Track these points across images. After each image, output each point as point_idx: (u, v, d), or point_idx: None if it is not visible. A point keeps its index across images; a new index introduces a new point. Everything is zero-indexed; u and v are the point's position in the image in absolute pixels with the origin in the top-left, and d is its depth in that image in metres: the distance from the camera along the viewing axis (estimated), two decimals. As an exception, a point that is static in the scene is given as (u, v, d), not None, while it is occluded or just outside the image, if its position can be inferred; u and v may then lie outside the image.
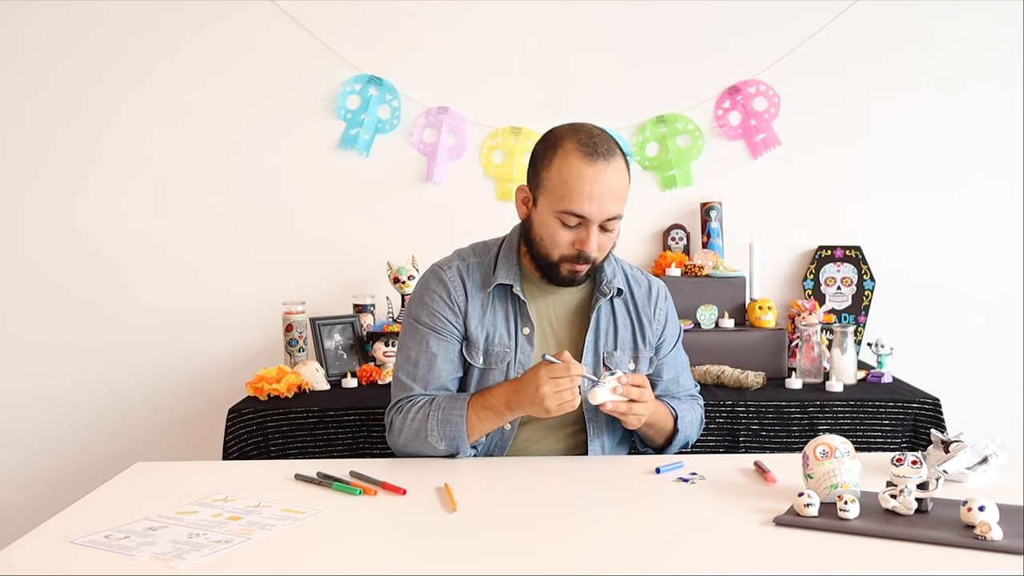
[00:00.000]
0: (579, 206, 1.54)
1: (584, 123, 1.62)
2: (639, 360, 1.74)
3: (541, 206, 1.60)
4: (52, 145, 2.81)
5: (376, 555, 1.19)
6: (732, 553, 1.15)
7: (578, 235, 1.58)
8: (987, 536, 1.12)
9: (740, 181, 2.83)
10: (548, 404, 1.50)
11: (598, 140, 1.57)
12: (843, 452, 1.29)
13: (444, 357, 1.67)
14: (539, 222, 1.61)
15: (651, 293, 1.78)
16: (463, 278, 1.68)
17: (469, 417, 1.59)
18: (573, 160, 1.54)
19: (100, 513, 1.33)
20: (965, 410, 2.56)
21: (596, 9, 2.79)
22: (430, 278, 1.71)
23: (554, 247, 1.60)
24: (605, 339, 1.71)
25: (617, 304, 1.73)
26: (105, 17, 2.78)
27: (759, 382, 2.33)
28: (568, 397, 1.50)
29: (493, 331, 1.67)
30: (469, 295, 1.67)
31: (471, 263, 1.71)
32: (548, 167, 1.57)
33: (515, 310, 1.68)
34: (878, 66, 2.79)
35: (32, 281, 2.84)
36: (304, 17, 2.78)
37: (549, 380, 1.50)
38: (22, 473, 2.85)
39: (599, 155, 1.54)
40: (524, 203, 1.65)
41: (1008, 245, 2.82)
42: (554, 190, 1.56)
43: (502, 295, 1.69)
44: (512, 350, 1.67)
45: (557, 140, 1.58)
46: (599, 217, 1.56)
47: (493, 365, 1.67)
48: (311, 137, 2.82)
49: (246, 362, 2.78)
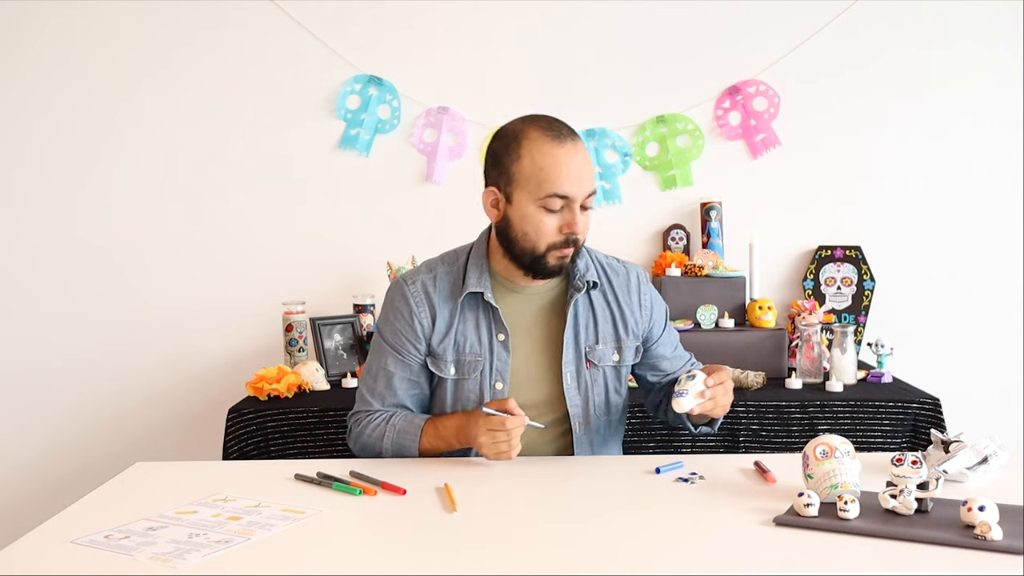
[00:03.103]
0: (561, 187, 1.55)
1: (536, 114, 1.64)
2: (623, 351, 1.73)
3: (518, 201, 1.59)
4: (52, 145, 2.81)
5: (376, 555, 1.19)
6: (732, 553, 1.15)
7: (563, 218, 1.58)
8: (987, 536, 1.12)
9: (740, 181, 2.83)
10: (486, 452, 1.55)
11: (558, 124, 1.59)
12: (843, 452, 1.29)
13: (401, 376, 1.69)
14: (519, 217, 1.60)
15: (630, 281, 1.76)
16: (428, 292, 1.68)
17: (422, 443, 1.64)
18: (542, 146, 1.56)
19: (100, 513, 1.33)
20: (965, 410, 2.56)
21: (596, 9, 2.79)
22: (395, 294, 1.71)
23: (541, 237, 1.59)
24: (585, 333, 1.70)
25: (594, 296, 1.72)
26: (105, 17, 2.77)
27: (759, 382, 2.33)
28: (503, 448, 1.53)
29: (464, 341, 1.67)
30: (436, 307, 1.67)
31: (438, 273, 1.70)
32: (517, 160, 1.58)
33: (488, 317, 1.68)
34: (878, 66, 2.79)
35: (32, 282, 2.83)
36: (304, 17, 2.78)
37: (486, 432, 1.53)
38: (22, 473, 2.85)
39: (565, 136, 1.57)
40: (495, 206, 1.63)
41: (1008, 245, 2.82)
42: (530, 180, 1.57)
43: (473, 303, 1.68)
44: (486, 358, 1.66)
45: (518, 133, 1.60)
46: (581, 194, 1.57)
47: (466, 375, 1.67)
48: (311, 137, 2.82)
49: (246, 362, 2.78)
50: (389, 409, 1.70)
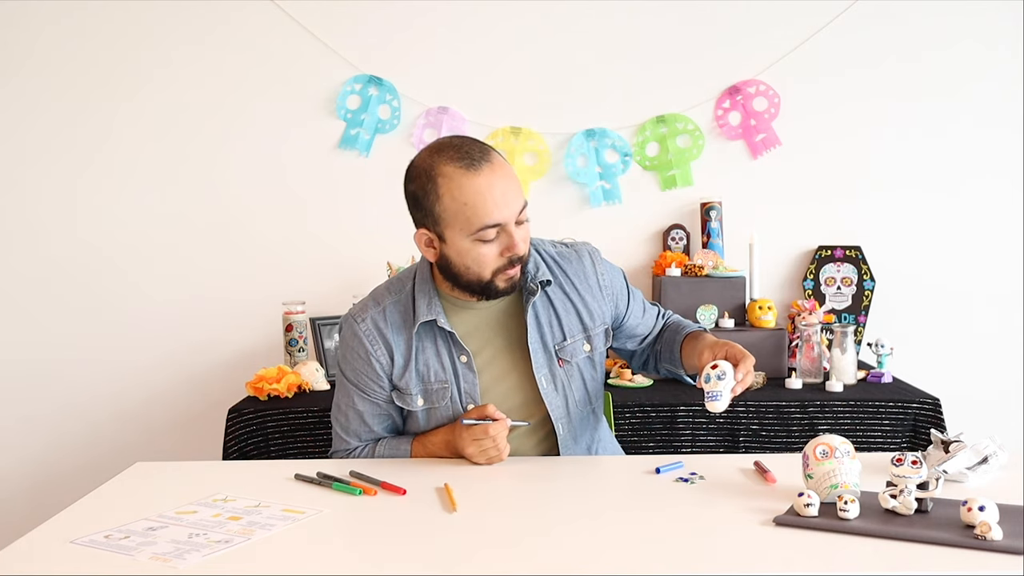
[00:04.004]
0: (491, 216, 1.49)
1: (439, 140, 1.57)
2: (593, 339, 1.69)
3: (451, 239, 1.53)
4: (53, 145, 2.81)
5: (376, 555, 1.19)
6: (732, 553, 1.15)
7: (502, 243, 1.52)
8: (987, 536, 1.11)
9: (740, 181, 2.83)
10: (477, 461, 1.55)
11: (468, 148, 1.52)
12: (843, 452, 1.29)
13: (371, 412, 1.66)
14: (457, 253, 1.54)
15: (584, 266, 1.71)
16: (379, 328, 1.62)
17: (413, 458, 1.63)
18: (459, 180, 1.49)
19: (100, 513, 1.33)
20: (965, 410, 2.57)
21: (596, 9, 2.79)
22: (347, 333, 1.65)
23: (484, 267, 1.54)
24: (551, 332, 1.65)
25: (552, 292, 1.66)
26: (106, 17, 2.77)
27: (759, 382, 2.33)
28: (493, 454, 1.53)
29: (427, 369, 1.62)
30: (391, 343, 1.62)
31: (386, 305, 1.64)
32: (438, 200, 1.51)
33: (446, 341, 1.62)
34: (878, 66, 2.79)
35: (32, 282, 2.84)
36: (304, 17, 2.78)
37: (472, 442, 1.54)
38: (22, 473, 2.85)
39: (478, 161, 1.50)
40: (430, 245, 1.57)
41: (1008, 245, 2.82)
42: (457, 217, 1.50)
43: (429, 330, 1.62)
44: (452, 383, 1.62)
45: (429, 170, 1.52)
46: (512, 217, 1.52)
47: (436, 403, 1.63)
48: (311, 137, 2.82)
49: (246, 362, 2.78)
50: (368, 442, 1.69)
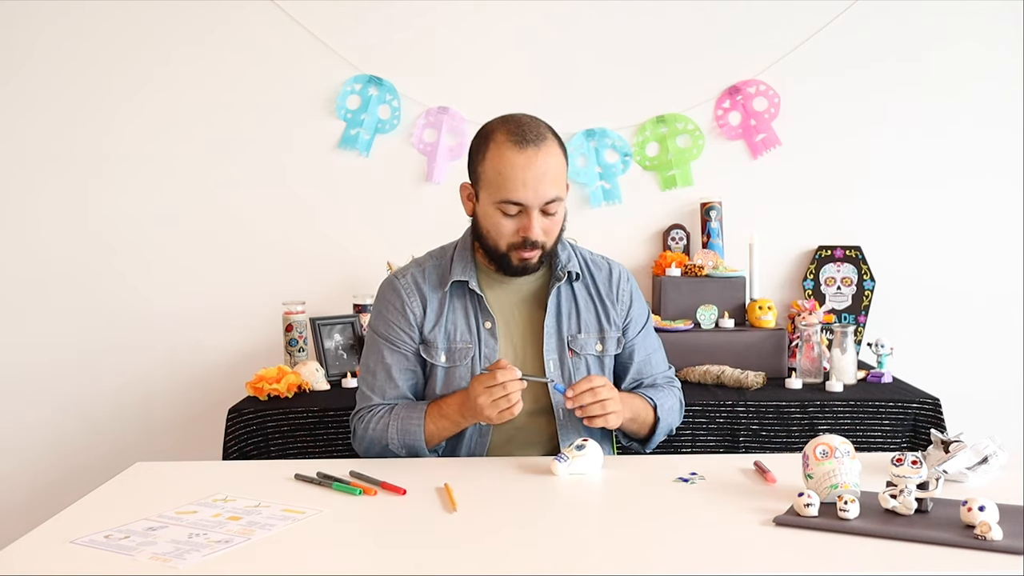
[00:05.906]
0: (515, 194, 1.58)
1: (515, 113, 1.65)
2: (606, 341, 1.75)
3: (482, 200, 1.64)
4: (54, 145, 2.81)
5: (376, 555, 1.19)
6: (732, 553, 1.15)
7: (520, 222, 1.61)
8: (987, 536, 1.12)
9: (740, 181, 2.83)
10: (488, 413, 1.54)
11: (527, 127, 1.59)
12: (843, 452, 1.29)
13: (399, 367, 1.71)
14: (483, 215, 1.65)
15: (612, 276, 1.79)
16: (418, 283, 1.72)
17: (427, 426, 1.64)
18: (504, 151, 1.58)
19: (100, 513, 1.33)
20: (965, 410, 2.56)
21: (596, 9, 2.78)
22: (386, 289, 1.75)
23: (500, 237, 1.63)
24: (568, 322, 1.72)
25: (578, 288, 1.75)
26: (106, 17, 2.77)
27: (759, 382, 2.33)
28: (504, 404, 1.53)
29: (454, 329, 1.70)
30: (427, 298, 1.71)
31: (427, 267, 1.75)
32: (483, 161, 1.62)
33: (474, 305, 1.71)
34: (878, 66, 2.79)
35: (32, 282, 2.83)
36: (304, 17, 2.78)
37: (484, 390, 1.54)
38: (22, 473, 2.85)
39: (528, 142, 1.57)
40: (469, 199, 1.69)
41: (1008, 245, 2.82)
42: (491, 183, 1.60)
43: (460, 292, 1.71)
44: (475, 345, 1.69)
45: (488, 134, 1.63)
46: (537, 202, 1.59)
47: (457, 362, 1.69)
48: (311, 137, 2.82)
49: (246, 362, 2.78)
50: (390, 402, 1.71)
